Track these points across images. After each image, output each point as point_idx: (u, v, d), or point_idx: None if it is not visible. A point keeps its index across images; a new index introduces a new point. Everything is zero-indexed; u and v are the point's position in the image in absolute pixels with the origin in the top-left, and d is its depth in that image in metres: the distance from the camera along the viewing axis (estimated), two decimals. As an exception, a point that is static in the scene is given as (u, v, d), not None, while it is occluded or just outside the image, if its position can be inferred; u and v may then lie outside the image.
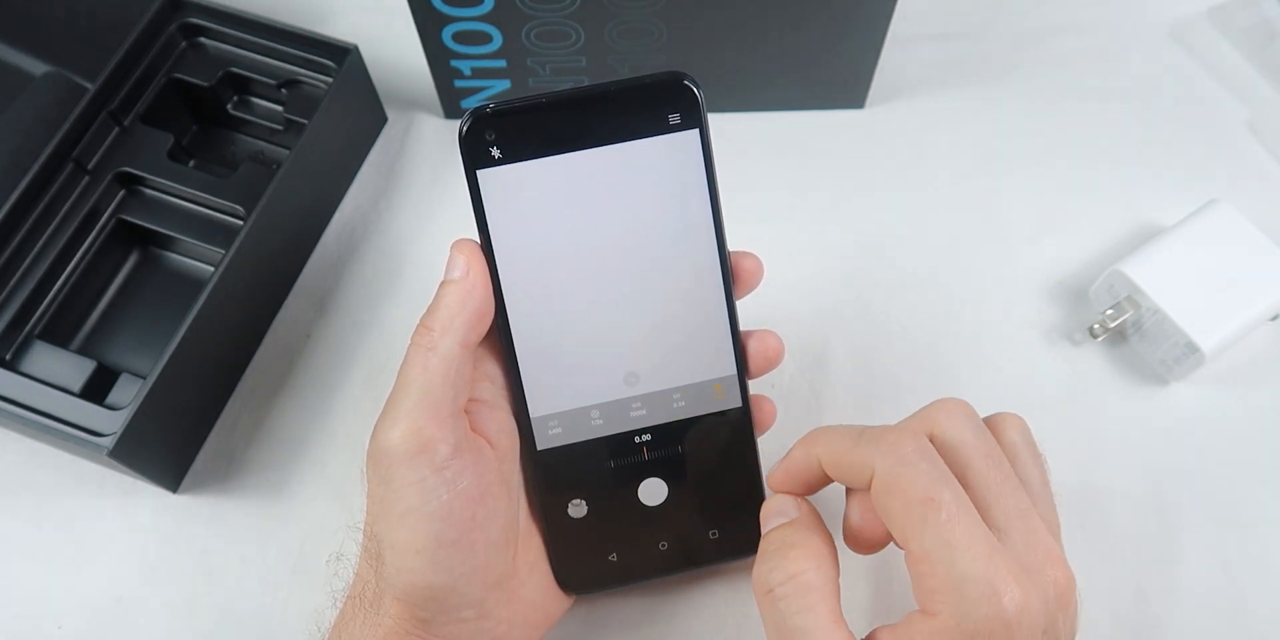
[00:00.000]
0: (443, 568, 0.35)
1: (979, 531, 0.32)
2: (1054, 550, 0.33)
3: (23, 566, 0.45)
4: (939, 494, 0.32)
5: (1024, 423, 0.37)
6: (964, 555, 0.31)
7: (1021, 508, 0.33)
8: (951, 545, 0.31)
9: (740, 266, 0.39)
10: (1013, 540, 0.32)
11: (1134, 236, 0.51)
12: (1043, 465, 0.37)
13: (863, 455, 0.34)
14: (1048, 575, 0.32)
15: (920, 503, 0.32)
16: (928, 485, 0.32)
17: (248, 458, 0.47)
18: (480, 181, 0.36)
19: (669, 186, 0.37)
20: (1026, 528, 0.33)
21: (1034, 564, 0.32)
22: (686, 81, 0.36)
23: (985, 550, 0.31)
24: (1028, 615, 0.31)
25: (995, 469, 0.34)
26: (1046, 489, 0.36)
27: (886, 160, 0.53)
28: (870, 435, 0.34)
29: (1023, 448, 0.36)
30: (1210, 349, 0.45)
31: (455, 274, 0.36)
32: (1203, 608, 0.43)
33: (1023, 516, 0.33)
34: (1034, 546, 0.32)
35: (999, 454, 0.35)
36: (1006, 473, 0.34)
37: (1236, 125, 0.54)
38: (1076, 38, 0.57)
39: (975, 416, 0.36)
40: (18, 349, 0.46)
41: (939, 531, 0.32)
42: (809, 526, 0.35)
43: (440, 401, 0.35)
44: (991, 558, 0.31)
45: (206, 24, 0.51)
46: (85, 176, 0.48)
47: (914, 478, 0.32)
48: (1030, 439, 0.37)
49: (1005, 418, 0.37)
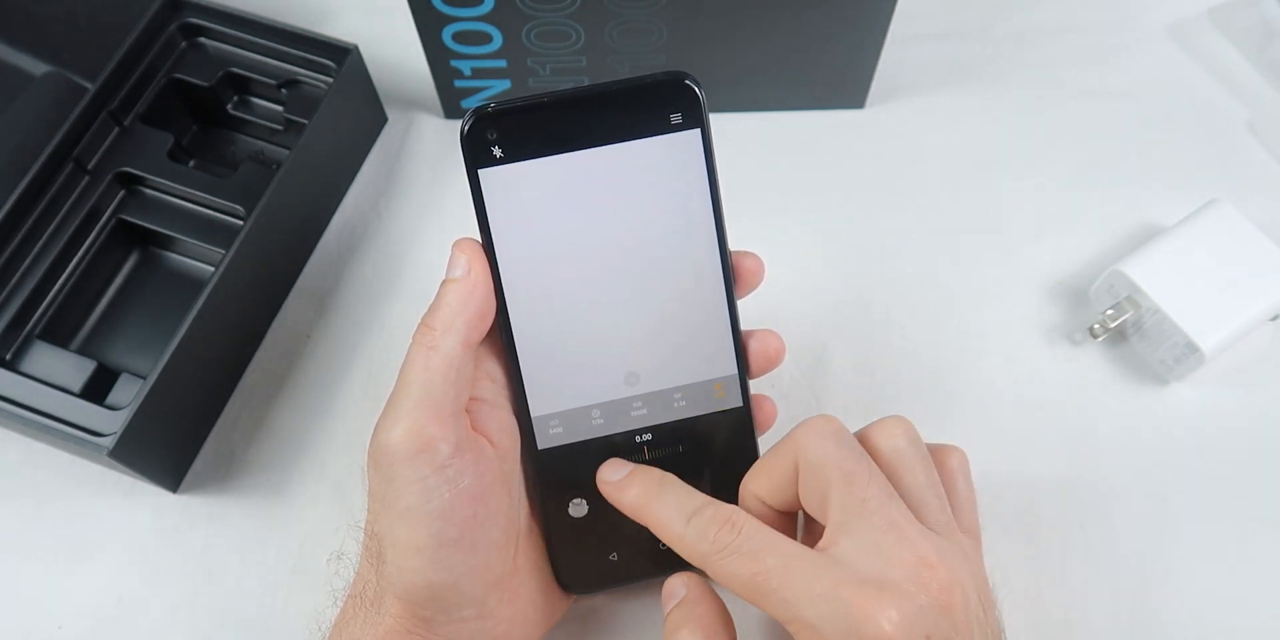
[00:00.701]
0: (444, 566, 0.35)
1: (814, 573, 0.32)
2: (928, 554, 0.32)
3: (23, 566, 0.45)
4: (762, 565, 0.33)
5: (907, 426, 0.37)
6: (809, 605, 0.32)
7: (890, 520, 0.33)
8: (793, 602, 0.32)
9: (741, 266, 0.39)
10: (873, 556, 0.32)
11: (1134, 236, 0.51)
12: (933, 467, 0.36)
13: (689, 550, 0.36)
14: (918, 582, 0.32)
15: (751, 581, 0.33)
16: (750, 563, 0.33)
17: (248, 458, 0.47)
18: (482, 181, 0.36)
19: (670, 186, 0.37)
20: (894, 538, 0.33)
21: (900, 574, 0.32)
22: (688, 81, 0.36)
23: (825, 590, 0.32)
24: (900, 632, 0.31)
25: (857, 486, 0.34)
26: (936, 491, 0.36)
27: (886, 160, 0.53)
28: (694, 528, 0.35)
29: (902, 453, 0.36)
30: (1210, 349, 0.45)
31: (456, 273, 0.36)
32: (1203, 607, 0.43)
33: (890, 528, 0.33)
34: (901, 556, 0.32)
35: (863, 470, 0.34)
36: (870, 488, 0.34)
37: (1236, 125, 0.54)
38: (1076, 38, 0.57)
39: (841, 432, 0.36)
40: (18, 349, 0.46)
41: (778, 595, 0.33)
42: (695, 601, 0.36)
43: (442, 400, 0.35)
44: (836, 594, 0.32)
45: (206, 24, 0.50)
46: (85, 176, 0.48)
47: (737, 563, 0.34)
48: (913, 442, 0.36)
49: (883, 425, 0.37)
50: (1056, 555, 0.44)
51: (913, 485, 0.35)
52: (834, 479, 0.34)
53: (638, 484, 0.38)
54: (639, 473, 0.38)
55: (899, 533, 0.33)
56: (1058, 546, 0.44)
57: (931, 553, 0.33)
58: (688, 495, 0.37)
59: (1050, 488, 0.45)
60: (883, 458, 0.36)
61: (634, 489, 0.38)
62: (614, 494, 0.38)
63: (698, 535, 0.35)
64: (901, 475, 0.35)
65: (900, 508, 0.34)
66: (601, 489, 0.39)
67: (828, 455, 0.35)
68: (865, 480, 0.34)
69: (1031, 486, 0.46)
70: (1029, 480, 0.46)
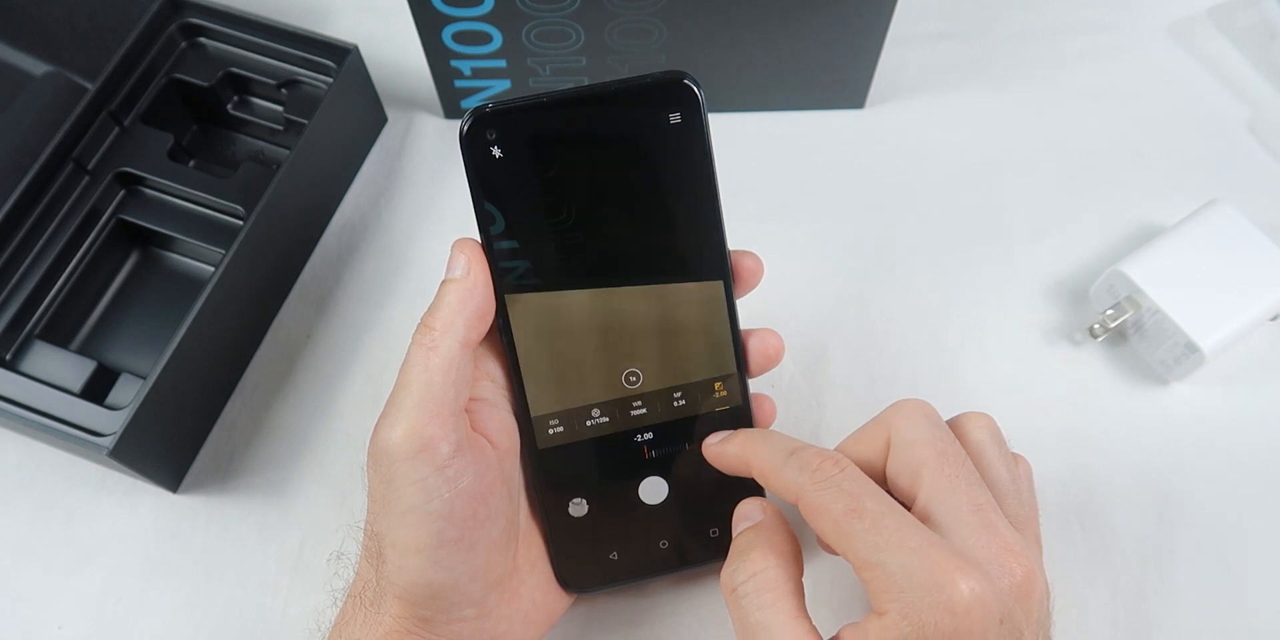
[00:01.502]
0: (444, 566, 0.35)
1: (910, 529, 0.32)
2: (1011, 543, 0.33)
3: (23, 566, 0.45)
4: (860, 504, 0.33)
5: (991, 421, 0.37)
6: (895, 554, 0.31)
7: (977, 502, 0.33)
8: (880, 547, 0.32)
9: (740, 265, 0.39)
10: (962, 534, 0.32)
11: (1134, 236, 0.51)
12: (1014, 464, 0.37)
13: (788, 480, 0.35)
14: (1003, 566, 0.32)
15: (844, 516, 0.33)
16: (847, 499, 0.33)
17: (248, 458, 0.47)
18: (481, 181, 0.36)
19: (670, 185, 0.37)
20: (980, 522, 0.33)
21: (987, 556, 0.32)
22: (687, 81, 0.36)
23: (918, 545, 0.32)
24: (977, 604, 0.31)
25: (950, 465, 0.34)
26: (1016, 486, 0.36)
27: (886, 160, 0.53)
28: (797, 459, 0.35)
29: (989, 446, 0.36)
30: (1210, 349, 0.45)
31: (456, 273, 0.36)
32: (1202, 607, 0.43)
33: (977, 511, 0.33)
34: (988, 539, 0.32)
35: (955, 452, 0.35)
36: (962, 469, 0.34)
37: (1236, 125, 0.54)
38: (1076, 38, 0.57)
39: (934, 416, 0.36)
40: (18, 349, 0.46)
41: (866, 537, 0.32)
42: (771, 528, 0.36)
43: (442, 400, 0.35)
44: (926, 551, 0.31)
45: (206, 24, 0.51)
46: (85, 176, 0.48)
47: (835, 495, 0.33)
48: (998, 438, 0.37)
49: (970, 417, 0.37)
50: (1057, 555, 0.44)
51: (995, 478, 0.36)
52: (928, 458, 0.34)
53: (740, 437, 0.38)
54: (742, 432, 0.39)
55: (985, 517, 0.33)
56: (1058, 546, 0.44)
57: (1017, 542, 0.33)
58: (789, 439, 0.37)
59: (1050, 488, 0.45)
60: (970, 448, 0.36)
61: (736, 440, 0.38)
62: (716, 450, 0.38)
63: (800, 466, 0.34)
64: (985, 467, 0.36)
65: (987, 494, 0.34)
66: (706, 453, 0.39)
67: (923, 435, 0.35)
68: (958, 462, 0.34)
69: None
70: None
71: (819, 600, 0.42)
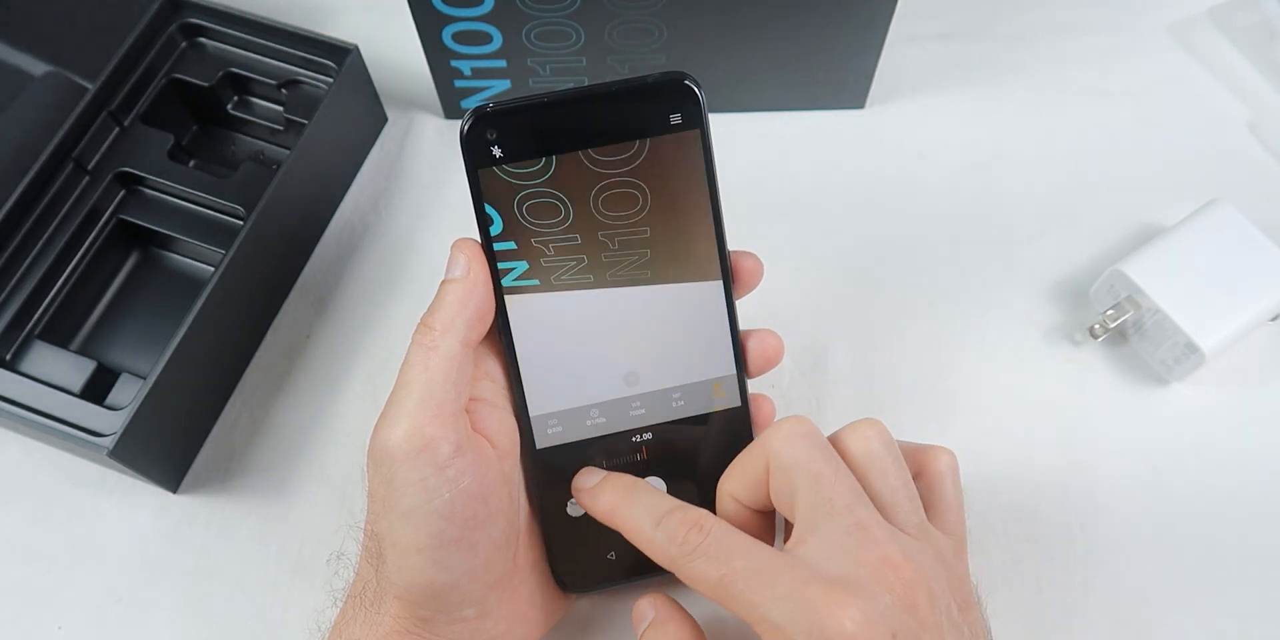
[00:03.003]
0: (444, 566, 0.35)
1: (781, 576, 0.32)
2: (892, 555, 0.32)
3: (23, 566, 0.45)
4: (730, 567, 0.33)
5: (878, 429, 0.36)
6: (774, 605, 0.32)
7: (856, 520, 0.33)
8: (759, 603, 0.32)
9: (740, 266, 0.39)
10: (837, 557, 0.33)
11: (1134, 236, 0.51)
12: (904, 470, 0.36)
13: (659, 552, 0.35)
14: (881, 583, 0.32)
15: (718, 583, 0.33)
16: (717, 565, 0.33)
17: (248, 458, 0.47)
18: (481, 180, 0.36)
19: (669, 186, 0.37)
20: (859, 540, 0.33)
21: (863, 574, 0.32)
22: (688, 81, 0.36)
23: (791, 590, 0.32)
24: (863, 631, 0.31)
25: (824, 487, 0.34)
26: (910, 492, 0.36)
27: (886, 160, 0.53)
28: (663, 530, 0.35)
29: (875, 456, 0.36)
30: (1210, 349, 0.45)
31: (456, 273, 0.36)
32: (1204, 607, 0.43)
33: (856, 529, 0.33)
34: (864, 557, 0.32)
35: (830, 471, 0.34)
36: (837, 488, 0.34)
37: (1236, 125, 0.54)
38: (1076, 38, 0.57)
39: (812, 434, 0.36)
40: (18, 349, 0.46)
41: (745, 596, 0.32)
42: (666, 622, 0.36)
43: (442, 400, 0.35)
44: (800, 594, 0.32)
45: (206, 24, 0.51)
46: (85, 176, 0.48)
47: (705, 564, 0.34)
48: (885, 445, 0.36)
49: (856, 428, 0.37)
50: (1057, 555, 0.44)
51: (883, 488, 0.35)
52: (801, 480, 0.34)
53: (609, 490, 0.38)
54: (611, 479, 0.38)
55: (864, 532, 0.33)
56: (1058, 546, 0.44)
57: (896, 552, 0.33)
58: (657, 500, 0.36)
59: (1050, 488, 0.45)
60: (854, 460, 0.36)
61: (605, 495, 0.38)
62: (587, 501, 0.38)
63: (667, 538, 0.35)
64: (872, 477, 0.35)
65: (867, 508, 0.34)
66: (576, 497, 0.39)
67: (796, 456, 0.35)
68: (832, 481, 0.34)
69: (1031, 486, 0.46)
70: (1029, 480, 0.46)
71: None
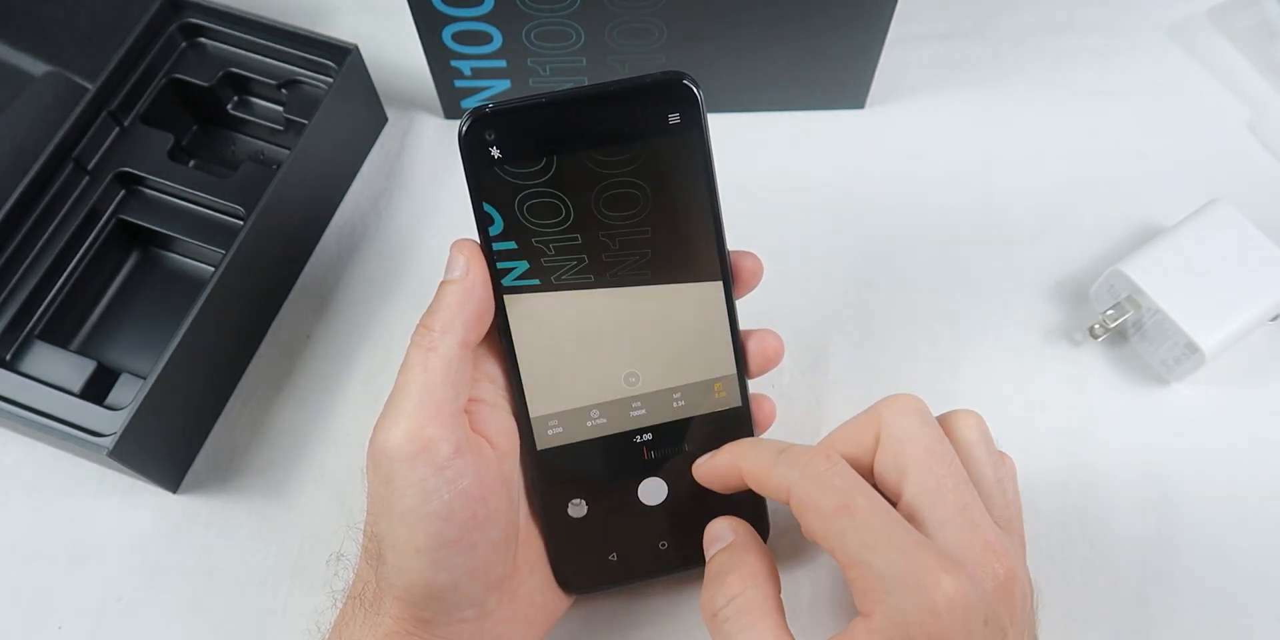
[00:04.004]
0: (444, 567, 0.35)
1: (898, 529, 0.32)
2: (995, 543, 0.33)
3: (23, 566, 0.45)
4: (850, 501, 0.33)
5: (980, 420, 0.37)
6: (883, 553, 0.32)
7: (963, 502, 0.33)
8: (869, 546, 0.32)
9: (740, 266, 0.39)
10: (946, 534, 0.33)
11: (1134, 236, 0.51)
12: (999, 464, 0.37)
13: (778, 477, 0.35)
14: (986, 567, 0.32)
15: (834, 513, 0.33)
16: (838, 496, 0.33)
17: (248, 458, 0.47)
18: (480, 181, 0.36)
19: (669, 186, 0.37)
20: (966, 521, 0.33)
21: (970, 556, 0.32)
22: (686, 81, 0.36)
23: (905, 545, 0.32)
24: (960, 604, 0.31)
25: (938, 465, 0.34)
26: (1001, 487, 0.36)
27: (886, 160, 0.53)
28: (787, 456, 0.35)
29: (976, 445, 0.36)
30: (1210, 349, 0.45)
31: (455, 274, 0.36)
32: (1202, 608, 0.43)
33: (962, 511, 0.33)
34: (972, 539, 0.33)
35: (944, 451, 0.35)
36: (949, 469, 0.34)
37: (1236, 125, 0.54)
38: (1076, 38, 0.57)
39: (925, 412, 0.36)
40: (18, 349, 0.46)
41: (855, 535, 0.32)
42: (745, 548, 0.36)
43: (441, 401, 0.35)
44: (913, 551, 0.31)
45: (206, 24, 0.51)
46: (85, 176, 0.48)
47: (825, 491, 0.33)
48: (987, 437, 0.37)
49: (960, 415, 0.37)
50: (1057, 555, 0.44)
51: (981, 478, 0.36)
52: (916, 455, 0.34)
53: (729, 446, 0.38)
54: (729, 444, 0.38)
55: (970, 518, 0.33)
56: (1058, 546, 0.44)
57: (999, 542, 0.33)
58: (778, 442, 0.36)
59: (1050, 488, 0.45)
60: (960, 447, 0.36)
61: (725, 450, 0.38)
62: (708, 465, 0.38)
63: (790, 462, 0.34)
64: (972, 465, 0.36)
65: (974, 494, 0.34)
66: (697, 474, 0.39)
67: (911, 431, 0.35)
68: (946, 461, 0.34)
69: (1031, 486, 0.45)
70: (1029, 480, 0.45)
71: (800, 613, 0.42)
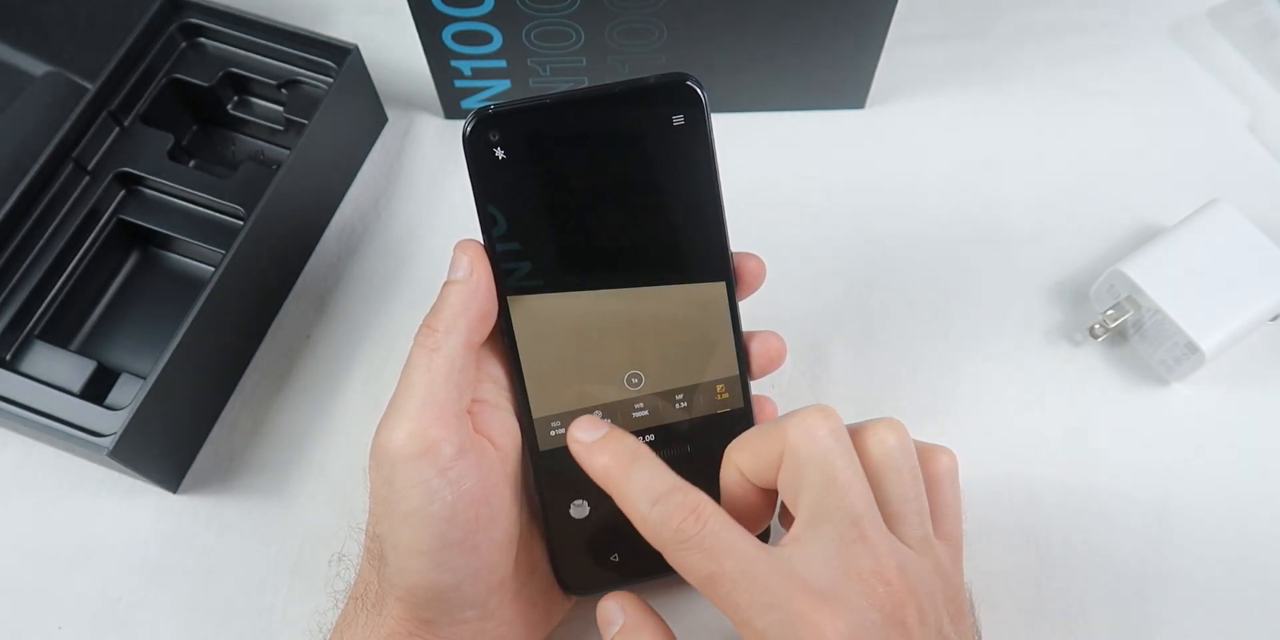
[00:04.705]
0: (446, 568, 0.35)
1: (770, 581, 0.32)
2: (884, 569, 0.32)
3: (23, 566, 0.45)
4: (720, 566, 0.32)
5: (898, 431, 0.35)
6: (760, 613, 0.31)
7: (858, 531, 0.32)
8: (744, 607, 0.32)
9: (743, 267, 0.39)
10: (830, 566, 0.32)
11: (1134, 236, 0.51)
12: (918, 477, 0.35)
13: (650, 531, 0.34)
14: (871, 597, 0.31)
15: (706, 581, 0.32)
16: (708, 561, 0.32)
17: (248, 458, 0.47)
18: (483, 182, 0.36)
19: (673, 187, 0.37)
20: (854, 553, 0.32)
21: (852, 589, 0.31)
22: (690, 82, 0.36)
23: (778, 599, 0.31)
24: None
25: (835, 491, 0.33)
26: (920, 502, 0.35)
27: (886, 160, 0.53)
28: (659, 511, 0.34)
29: (893, 459, 0.35)
30: (1210, 349, 0.45)
31: (459, 274, 0.36)
32: (1202, 607, 0.43)
33: (856, 541, 0.32)
34: (857, 569, 0.32)
35: (845, 474, 0.33)
36: (848, 493, 0.33)
37: (1236, 125, 0.54)
38: (1076, 38, 0.57)
39: (836, 429, 0.34)
40: (18, 349, 0.46)
41: (730, 599, 0.32)
42: (637, 630, 0.35)
43: (444, 402, 0.35)
44: (788, 605, 0.31)
45: (206, 24, 0.50)
46: (85, 176, 0.48)
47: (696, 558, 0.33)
48: (902, 450, 0.35)
49: (876, 426, 0.35)
50: (1057, 555, 0.44)
51: (894, 495, 0.34)
52: (815, 478, 0.33)
53: (610, 452, 0.35)
54: (612, 438, 0.36)
55: (865, 544, 0.32)
56: (1058, 546, 0.44)
57: (892, 567, 0.32)
58: (658, 474, 0.34)
59: (1050, 488, 0.45)
60: (870, 462, 0.34)
61: (605, 457, 0.35)
62: (583, 455, 0.36)
63: (661, 520, 0.33)
64: (886, 483, 0.34)
65: (873, 519, 0.33)
66: (570, 446, 0.36)
67: (814, 452, 0.33)
68: (845, 487, 0.33)
69: (1031, 487, 0.46)
70: (1029, 480, 0.46)
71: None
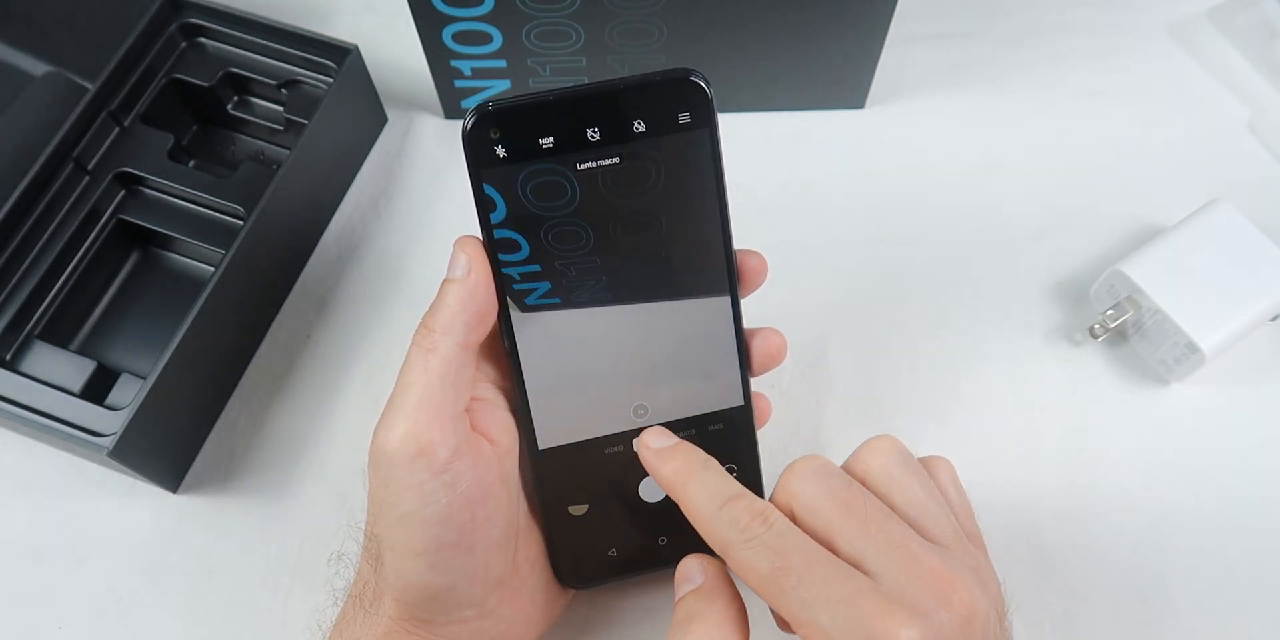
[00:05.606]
0: (442, 569, 0.35)
1: (838, 580, 0.31)
2: (940, 570, 0.32)
3: (23, 566, 0.45)
4: (786, 560, 0.32)
5: (891, 443, 0.36)
6: (825, 608, 0.31)
7: (893, 539, 0.32)
8: (809, 603, 0.31)
9: (745, 265, 0.38)
10: (891, 575, 0.32)
11: (1134, 236, 0.51)
12: (927, 479, 0.36)
13: (717, 534, 0.34)
14: (938, 599, 0.31)
15: (771, 575, 0.32)
16: (773, 556, 0.32)
17: (248, 458, 0.47)
18: (484, 180, 0.36)
19: (678, 185, 0.37)
20: (903, 557, 0.32)
21: (919, 593, 0.31)
22: (696, 79, 0.35)
23: (846, 595, 0.31)
24: None
25: (855, 513, 0.33)
26: (935, 501, 0.35)
27: (887, 160, 0.53)
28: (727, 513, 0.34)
29: (895, 468, 0.35)
30: (1210, 349, 0.45)
31: (457, 273, 0.36)
32: (1202, 607, 0.43)
33: (896, 547, 0.32)
34: (916, 573, 0.32)
35: (856, 497, 0.34)
36: (867, 510, 0.33)
37: (1236, 125, 0.54)
38: (1076, 38, 0.57)
39: (825, 467, 0.35)
40: (18, 349, 0.46)
41: (794, 594, 0.31)
42: (713, 592, 0.35)
43: (441, 403, 0.34)
44: (855, 602, 0.31)
45: (206, 24, 0.51)
46: (85, 176, 0.48)
47: (761, 554, 0.32)
48: (904, 457, 0.35)
49: (868, 448, 0.36)
50: (1056, 555, 0.44)
51: (909, 501, 0.34)
52: (831, 513, 0.33)
53: (679, 458, 0.36)
54: (683, 447, 0.37)
55: (907, 551, 0.32)
56: (1057, 546, 0.44)
57: (943, 567, 0.32)
58: (725, 481, 0.35)
59: (1050, 488, 0.45)
60: (874, 479, 0.35)
61: (675, 463, 0.36)
62: (653, 461, 0.37)
63: (729, 521, 0.34)
64: (895, 495, 0.34)
65: (902, 525, 0.33)
66: (641, 454, 0.37)
67: (818, 493, 0.34)
68: (861, 506, 0.33)
69: (1031, 487, 0.46)
70: (1029, 480, 0.46)
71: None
